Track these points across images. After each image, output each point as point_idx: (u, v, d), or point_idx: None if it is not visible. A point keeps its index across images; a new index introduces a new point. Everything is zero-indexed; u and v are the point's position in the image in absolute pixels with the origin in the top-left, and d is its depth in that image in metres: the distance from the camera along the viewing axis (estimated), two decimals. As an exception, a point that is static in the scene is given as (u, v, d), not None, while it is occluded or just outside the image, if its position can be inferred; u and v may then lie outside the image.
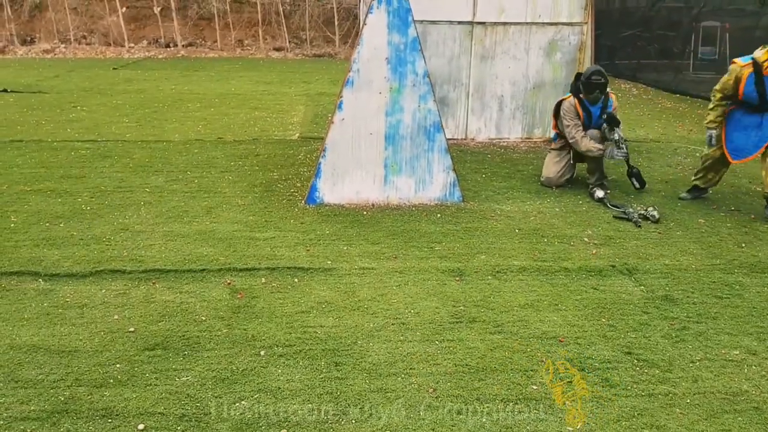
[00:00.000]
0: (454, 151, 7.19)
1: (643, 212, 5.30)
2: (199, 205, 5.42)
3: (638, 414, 2.81)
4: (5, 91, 11.10)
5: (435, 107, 5.37)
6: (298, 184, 5.97)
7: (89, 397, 2.87)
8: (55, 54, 18.67)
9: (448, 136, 7.70)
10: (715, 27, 13.61)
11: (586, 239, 4.83)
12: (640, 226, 5.10)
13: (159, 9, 20.34)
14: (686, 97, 11.92)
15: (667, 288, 4.04)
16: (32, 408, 2.79)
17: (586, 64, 7.69)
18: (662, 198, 5.84)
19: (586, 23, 7.68)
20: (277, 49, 20.12)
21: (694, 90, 12.18)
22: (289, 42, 20.41)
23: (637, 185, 5.93)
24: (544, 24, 7.64)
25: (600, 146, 5.71)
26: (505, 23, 7.61)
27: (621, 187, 6.10)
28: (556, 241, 4.79)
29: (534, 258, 4.46)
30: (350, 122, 5.32)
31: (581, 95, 5.79)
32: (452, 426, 2.71)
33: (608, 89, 5.82)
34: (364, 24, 5.21)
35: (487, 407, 2.84)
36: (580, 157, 6.01)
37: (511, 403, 2.87)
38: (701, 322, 3.62)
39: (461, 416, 2.78)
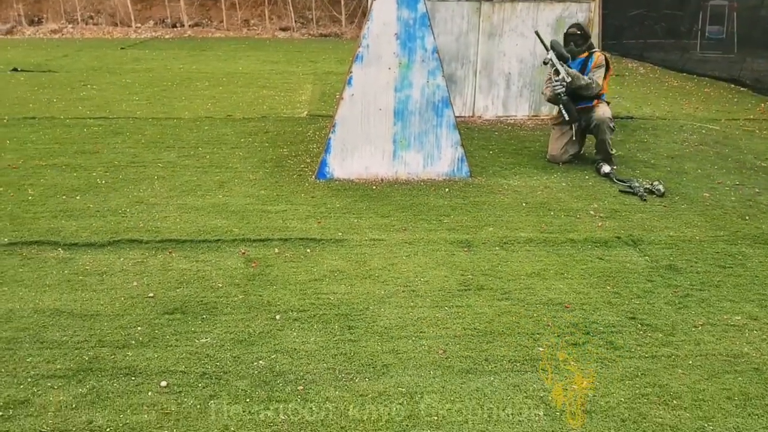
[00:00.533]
0: (461, 128, 7.25)
1: (648, 186, 5.37)
2: (211, 180, 5.52)
3: (641, 374, 2.91)
4: (16, 70, 11.19)
5: (443, 83, 5.44)
6: (308, 160, 6.06)
7: (112, 356, 2.99)
8: (62, 34, 18.71)
9: (456, 114, 7.78)
10: (723, 6, 13.57)
11: (592, 212, 4.91)
12: (645, 199, 5.18)
13: (165, -11, 20.28)
14: (693, 76, 11.90)
15: (671, 258, 4.13)
16: (58, 367, 2.91)
17: (594, 41, 7.71)
18: (667, 173, 5.91)
19: (594, 0, 7.68)
20: (283, 29, 20.10)
21: (701, 69, 12.17)
22: (295, 22, 20.37)
23: (566, 117, 5.85)
24: (551, 1, 7.66)
25: (548, 87, 5.86)
26: (512, 0, 7.63)
27: (627, 163, 6.17)
28: (563, 214, 4.87)
29: (541, 230, 4.55)
30: (360, 98, 5.40)
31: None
32: (462, 384, 2.82)
33: (596, 49, 5.86)
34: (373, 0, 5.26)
35: (495, 367, 2.95)
36: (583, 132, 6.07)
37: (518, 363, 2.98)
38: (704, 290, 3.71)
39: (470, 375, 2.89)
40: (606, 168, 5.76)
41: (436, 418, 2.61)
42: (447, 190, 5.36)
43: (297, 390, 2.78)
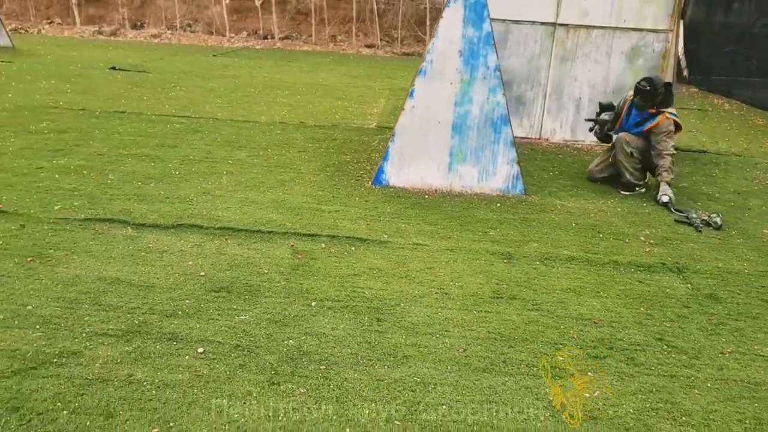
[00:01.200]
0: (526, 150, 7.38)
1: (705, 218, 5.30)
2: (274, 178, 5.83)
3: (656, 390, 2.94)
4: (114, 68, 12.02)
5: (503, 100, 5.56)
6: (368, 167, 6.29)
7: (159, 323, 3.27)
8: (161, 39, 19.85)
9: (522, 135, 7.89)
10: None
11: (642, 238, 4.91)
12: (700, 230, 5.12)
13: (260, 2, 21.23)
14: (782, 116, 11.47)
15: (714, 287, 4.09)
16: (110, 327, 3.21)
17: (669, 71, 7.65)
18: (730, 207, 5.80)
19: (672, 31, 7.63)
20: (368, 46, 20.61)
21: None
22: (381, 40, 20.86)
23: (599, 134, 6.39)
24: (627, 29, 7.65)
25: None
26: (588, 26, 7.67)
27: (691, 195, 6.09)
28: (612, 237, 4.89)
29: (585, 250, 4.59)
30: (420, 110, 5.59)
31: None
32: (475, 381, 2.94)
33: (667, 110, 5.81)
34: (441, 17, 5.47)
35: (511, 369, 3.05)
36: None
37: (535, 368, 3.07)
38: (740, 320, 3.68)
39: (486, 374, 3.00)
40: (665, 198, 5.71)
41: (444, 407, 2.74)
42: (498, 205, 5.47)
43: (320, 369, 2.96)
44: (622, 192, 5.99)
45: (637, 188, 6.01)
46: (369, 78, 13.41)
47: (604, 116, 6.22)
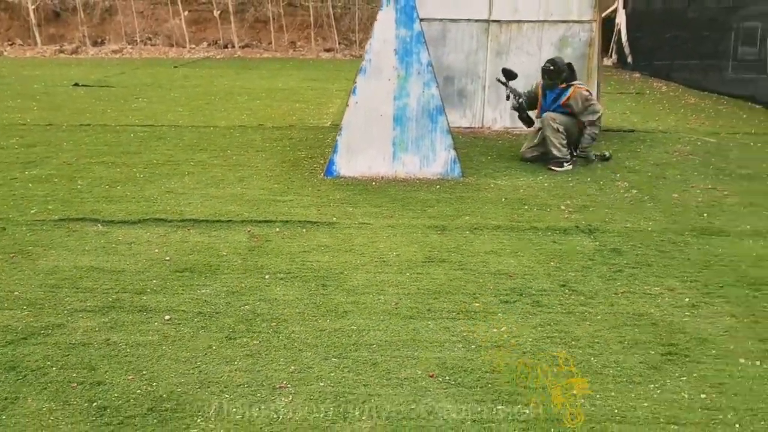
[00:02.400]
0: (469, 138, 7.98)
1: (598, 153, 6.74)
2: (234, 176, 6.34)
3: (554, 323, 3.52)
4: (77, 85, 12.39)
5: (437, 92, 6.14)
6: (321, 161, 6.82)
7: (131, 299, 3.77)
8: (123, 54, 20.17)
9: (466, 125, 8.49)
10: (756, 28, 13.85)
11: (563, 207, 5.51)
12: (593, 160, 6.58)
13: (218, 12, 21.66)
14: (716, 95, 12.15)
15: (619, 243, 4.70)
16: (88, 304, 3.70)
17: (595, 59, 8.31)
18: (647, 177, 6.44)
19: (595, 21, 8.28)
20: (327, 50, 21.14)
21: (728, 89, 12.36)
22: (339, 43, 21.40)
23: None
24: (555, 22, 8.29)
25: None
26: (519, 21, 8.30)
27: (612, 168, 6.72)
28: (536, 208, 5.49)
29: (510, 220, 5.18)
30: (363, 105, 6.14)
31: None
32: (403, 325, 3.49)
33: (576, 83, 6.53)
34: (376, 20, 6.02)
35: (434, 315, 3.61)
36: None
37: (453, 313, 3.63)
38: (636, 268, 4.28)
39: (412, 320, 3.56)
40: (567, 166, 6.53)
41: (374, 345, 3.28)
42: (438, 187, 6.04)
43: (271, 326, 3.49)
44: (552, 169, 6.61)
45: (565, 164, 6.63)
46: (327, 80, 13.94)
47: (513, 86, 6.88)
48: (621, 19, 17.95)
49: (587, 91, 6.58)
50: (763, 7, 12.26)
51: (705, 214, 5.34)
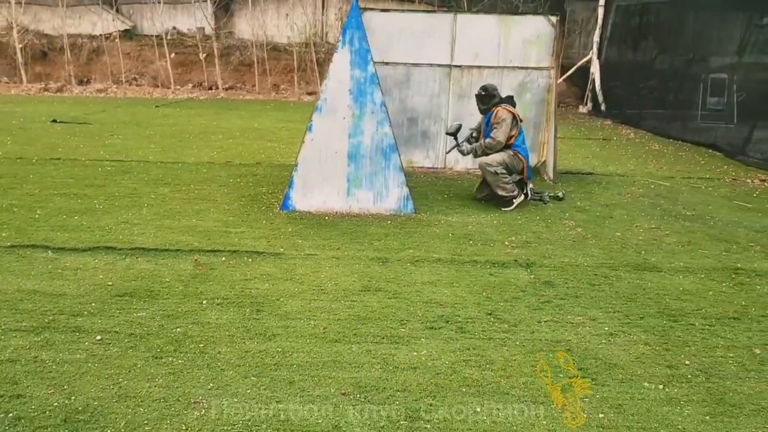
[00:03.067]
0: (430, 178, 8.19)
1: (552, 194, 6.84)
2: (191, 208, 6.48)
3: (473, 348, 3.65)
4: (55, 121, 12.59)
5: (390, 131, 6.36)
6: (280, 197, 6.97)
7: (66, 320, 3.87)
8: (107, 93, 20.46)
9: (429, 165, 8.71)
10: (723, 78, 14.34)
11: (506, 243, 5.68)
12: (546, 202, 6.76)
13: (204, 56, 22.08)
14: (680, 142, 12.50)
15: (553, 276, 4.86)
16: (23, 324, 3.80)
17: (553, 104, 8.60)
18: (595, 217, 6.64)
19: (553, 68, 8.61)
20: (310, 93, 21.54)
21: (691, 136, 12.69)
22: (321, 87, 21.78)
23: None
24: (514, 68, 8.61)
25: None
26: (479, 66, 8.61)
27: (563, 207, 6.93)
28: (480, 243, 5.65)
29: (453, 253, 5.34)
30: (319, 142, 6.35)
31: None
32: (327, 348, 3.61)
33: (499, 107, 6.77)
34: (331, 61, 6.28)
35: (359, 339, 3.73)
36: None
37: (378, 338, 3.75)
38: (565, 299, 4.44)
39: (337, 343, 3.68)
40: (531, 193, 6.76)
41: (295, 365, 3.40)
42: (389, 222, 6.21)
43: (198, 347, 3.60)
44: (503, 209, 6.80)
45: (515, 200, 6.82)
46: (304, 122, 14.07)
47: (463, 140, 7.14)
48: (595, 69, 18.51)
49: (509, 113, 6.76)
50: (729, 59, 12.73)
51: (642, 252, 5.53)
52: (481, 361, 3.50)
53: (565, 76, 19.63)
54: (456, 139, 7.08)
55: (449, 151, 7.71)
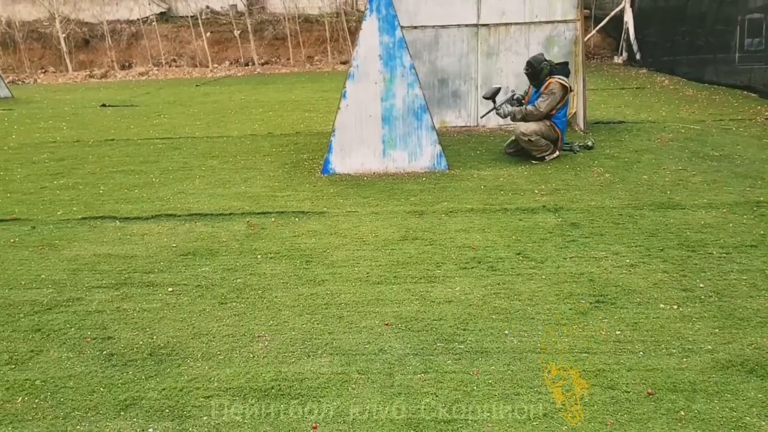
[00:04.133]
0: (463, 136, 8.50)
1: (582, 143, 7.01)
2: (239, 177, 6.96)
3: (502, 283, 4.03)
4: (104, 105, 13.23)
5: (421, 93, 6.68)
6: (321, 162, 7.39)
7: (140, 277, 4.38)
8: (149, 76, 21.15)
9: (461, 124, 9.01)
10: (760, 19, 14.11)
11: (536, 191, 5.99)
12: (576, 151, 6.92)
13: (239, 32, 22.52)
14: (715, 86, 12.44)
15: (579, 219, 5.17)
16: (104, 282, 4.32)
17: (581, 55, 8.77)
18: (623, 162, 6.87)
19: (579, 20, 8.75)
20: (343, 63, 21.82)
21: (726, 80, 12.59)
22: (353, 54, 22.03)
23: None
24: (541, 23, 8.78)
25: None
26: (506, 24, 8.81)
27: (592, 155, 7.17)
28: (511, 192, 5.98)
29: (484, 203, 5.68)
30: (353, 107, 6.72)
31: None
32: (370, 289, 4.03)
33: (552, 78, 6.91)
34: (360, 29, 6.61)
35: (399, 280, 4.14)
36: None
37: (416, 279, 4.16)
38: (589, 237, 4.75)
39: (379, 285, 4.09)
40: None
41: (343, 304, 3.83)
42: (424, 178, 6.57)
43: (257, 293, 4.06)
44: (534, 162, 7.07)
45: (547, 157, 7.09)
46: (338, 90, 14.40)
47: (505, 101, 7.27)
48: (629, 18, 18.28)
49: (561, 86, 6.93)
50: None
51: (668, 192, 5.77)
52: (510, 293, 3.87)
53: (598, 27, 19.46)
54: (494, 102, 7.23)
55: (484, 115, 7.81)
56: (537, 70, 6.95)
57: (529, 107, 6.97)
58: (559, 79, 6.97)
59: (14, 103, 15.08)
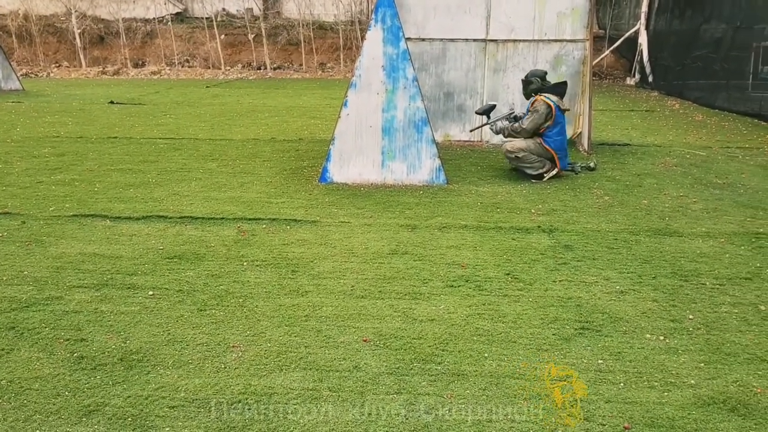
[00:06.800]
0: (465, 151, 8.43)
1: (584, 164, 7.03)
2: (236, 181, 6.91)
3: (487, 303, 3.94)
4: (112, 102, 13.27)
5: (422, 105, 6.63)
6: (320, 170, 7.34)
7: (122, 279, 4.33)
8: (161, 75, 21.22)
9: (464, 139, 8.94)
10: (774, 46, 14.00)
11: (533, 211, 5.91)
12: (578, 172, 6.97)
13: (253, 36, 22.60)
14: (725, 113, 12.33)
15: (573, 241, 5.09)
16: (85, 282, 4.27)
17: (588, 76, 8.69)
18: (624, 186, 6.79)
19: (588, 40, 8.68)
20: (355, 71, 21.81)
21: (741, 107, 12.43)
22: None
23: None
24: (549, 41, 8.72)
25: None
26: (514, 40, 8.76)
27: (594, 178, 7.09)
28: (507, 210, 5.90)
29: (479, 220, 5.61)
30: (354, 117, 6.67)
31: None
32: (354, 303, 3.95)
33: (539, 96, 6.87)
34: (365, 39, 6.57)
35: (384, 296, 4.06)
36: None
37: (401, 294, 4.08)
38: (581, 261, 4.67)
39: (363, 299, 4.02)
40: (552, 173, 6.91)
41: (323, 317, 3.76)
42: (421, 192, 6.50)
43: (238, 301, 4.00)
44: (533, 181, 6.98)
45: (545, 175, 7.01)
46: (346, 99, 14.51)
47: (501, 117, 7.25)
48: (643, 40, 18.21)
49: (546, 105, 6.82)
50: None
51: (666, 218, 5.68)
52: (494, 315, 3.79)
53: (612, 48, 19.40)
54: (488, 117, 7.24)
55: (474, 129, 7.87)
56: (526, 82, 6.98)
57: (515, 124, 6.95)
58: (546, 97, 6.90)
59: (24, 95, 15.15)
